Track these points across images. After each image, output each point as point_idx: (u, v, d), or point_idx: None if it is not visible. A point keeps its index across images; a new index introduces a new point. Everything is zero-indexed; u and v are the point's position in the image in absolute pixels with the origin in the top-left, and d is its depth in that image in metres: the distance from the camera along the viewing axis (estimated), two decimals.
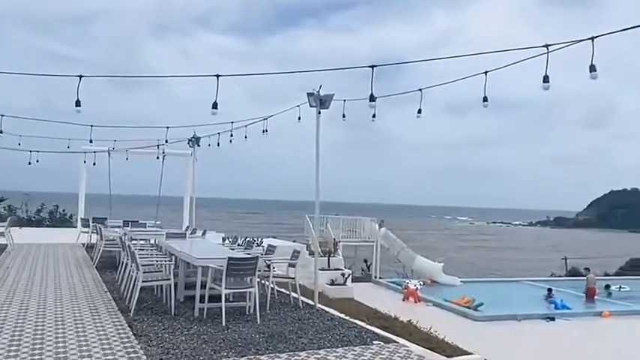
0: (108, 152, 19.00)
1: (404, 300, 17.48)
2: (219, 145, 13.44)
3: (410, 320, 8.18)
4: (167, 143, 13.38)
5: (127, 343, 5.77)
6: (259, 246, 12.28)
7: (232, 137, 11.95)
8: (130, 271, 8.26)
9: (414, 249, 23.23)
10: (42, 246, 15.46)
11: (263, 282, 8.47)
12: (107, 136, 16.75)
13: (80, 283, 9.60)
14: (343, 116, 8.65)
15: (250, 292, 7.31)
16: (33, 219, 26.60)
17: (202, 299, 7.26)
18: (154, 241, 11.90)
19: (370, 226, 22.34)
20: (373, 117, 8.37)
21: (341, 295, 15.30)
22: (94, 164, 19.19)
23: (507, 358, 11.29)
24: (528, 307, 16.19)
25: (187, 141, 14.78)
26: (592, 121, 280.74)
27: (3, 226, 14.23)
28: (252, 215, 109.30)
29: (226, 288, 6.95)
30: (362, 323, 7.05)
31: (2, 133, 11.75)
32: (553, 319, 15.08)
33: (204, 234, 14.04)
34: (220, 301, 6.94)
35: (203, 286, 7.35)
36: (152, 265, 8.41)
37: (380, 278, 21.24)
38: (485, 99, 7.34)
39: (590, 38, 5.81)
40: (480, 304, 15.83)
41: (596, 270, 39.08)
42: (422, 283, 19.44)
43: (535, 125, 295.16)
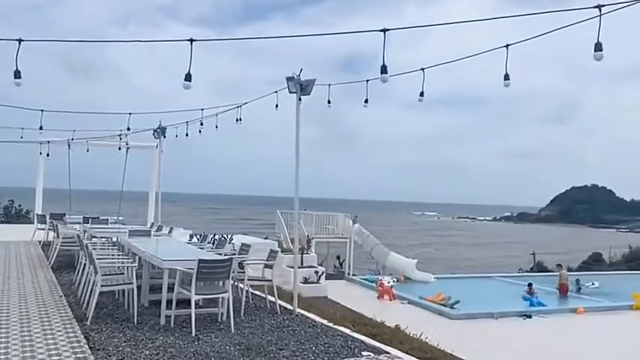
0: (68, 144, 17.86)
1: (379, 298, 17.07)
2: (187, 136, 12.60)
3: (398, 326, 7.62)
4: (130, 132, 12.43)
5: None
6: (230, 243, 11.57)
7: (202, 126, 11.16)
8: (89, 274, 7.44)
9: (385, 245, 22.86)
10: None
11: (236, 284, 7.77)
12: (65, 126, 15.69)
13: (32, 286, 8.68)
14: (328, 102, 8.05)
15: (223, 298, 6.60)
16: None
17: (169, 305, 6.52)
18: (117, 239, 11.01)
19: (344, 222, 21.82)
20: (365, 102, 7.81)
21: (315, 294, 14.76)
22: (48, 155, 18.02)
23: (487, 358, 10.99)
24: (504, 305, 15.98)
25: (152, 132, 13.85)
26: (555, 118, 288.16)
27: None
28: (220, 211, 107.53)
29: (196, 293, 6.23)
30: (347, 330, 6.44)
31: None
32: (530, 317, 14.92)
33: (170, 231, 13.21)
34: (189, 307, 6.23)
35: (170, 289, 6.61)
36: (113, 267, 7.60)
37: (353, 275, 20.77)
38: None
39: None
40: (457, 302, 15.56)
41: (560, 264, 39.84)
42: (395, 280, 19.06)
43: (499, 122, 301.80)
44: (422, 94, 7.45)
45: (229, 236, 16.48)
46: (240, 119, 9.72)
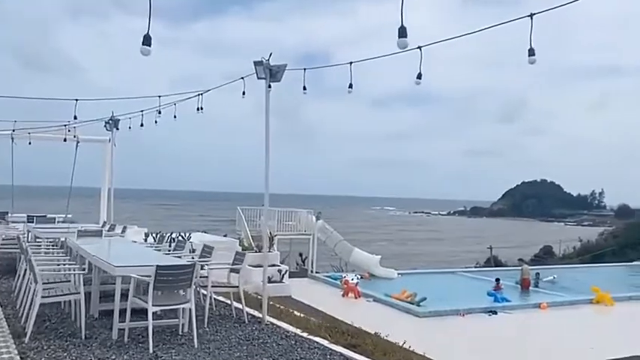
0: (11, 136, 16.52)
1: (344, 296, 16.63)
2: (142, 126, 11.66)
3: (378, 333, 7.11)
4: (77, 122, 11.36)
5: None
6: (189, 242, 10.84)
7: (160, 115, 10.30)
8: (29, 282, 6.58)
9: (348, 241, 22.47)
10: None
11: (198, 289, 7.08)
12: (6, 116, 14.41)
13: None
14: (304, 88, 7.44)
15: (184, 308, 5.90)
16: None
17: (123, 315, 5.79)
18: (64, 240, 10.05)
19: (307, 219, 21.26)
20: (350, 87, 7.41)
21: (278, 294, 14.19)
22: None
23: (457, 357, 10.76)
24: (468, 300, 15.84)
25: (104, 123, 12.83)
26: (505, 116, 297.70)
27: None
28: (177, 207, 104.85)
29: (154, 304, 5.52)
30: (324, 342, 5.86)
31: None
32: (495, 313, 14.80)
33: (124, 231, 12.30)
34: (146, 318, 5.52)
35: (124, 297, 5.87)
36: (57, 274, 6.76)
37: (317, 273, 20.26)
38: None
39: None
40: (423, 299, 15.28)
41: (513, 258, 40.76)
42: (359, 277, 18.71)
43: (453, 119, 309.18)
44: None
45: (187, 234, 15.67)
46: (201, 108, 8.99)
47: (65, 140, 15.91)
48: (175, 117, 10.19)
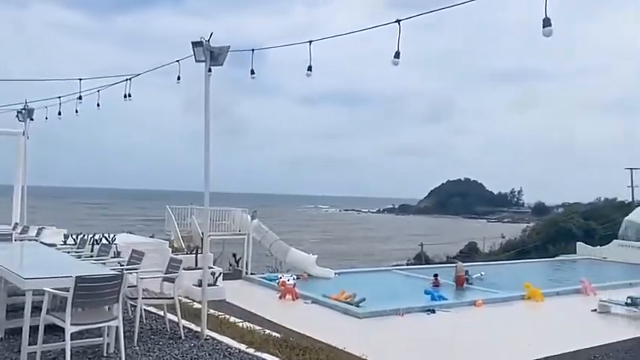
0: None
1: (281, 298, 16.06)
2: (60, 115, 10.44)
3: (334, 346, 6.57)
4: None
5: None
6: (114, 243, 9.85)
7: (81, 102, 9.21)
8: None
9: (283, 241, 21.93)
10: None
11: (126, 301, 6.25)
12: None
13: None
14: (252, 72, 6.79)
15: (110, 327, 5.09)
16: None
17: (34, 332, 4.88)
18: None
19: (241, 218, 20.47)
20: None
21: (212, 297, 13.30)
22: None
23: (396, 358, 10.58)
24: (406, 299, 15.78)
25: (16, 113, 11.46)
26: (432, 117, 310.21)
27: None
28: (101, 207, 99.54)
29: (73, 323, 4.69)
30: (274, 359, 5.27)
31: None
32: (433, 312, 14.80)
33: (39, 233, 11.05)
34: (63, 338, 4.68)
35: (37, 310, 4.97)
36: None
37: (252, 274, 19.55)
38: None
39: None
40: (362, 300, 15.04)
41: (440, 254, 41.94)
42: (296, 278, 18.23)
43: (382, 119, 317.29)
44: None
45: (112, 236, 14.49)
46: (129, 95, 8.07)
47: None
48: (99, 105, 9.17)
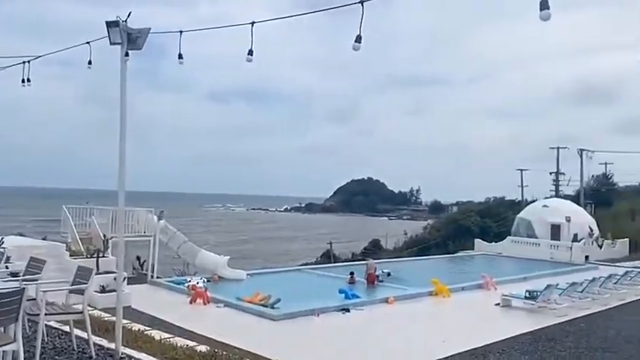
0: None
1: (191, 302, 15.29)
2: None
3: (257, 353, 6.16)
4: None
5: None
6: (2, 247, 8.69)
7: None
8: None
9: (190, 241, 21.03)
10: None
11: (25, 317, 5.40)
12: None
13: None
14: (180, 56, 6.18)
15: (6, 352, 4.31)
16: None
17: None
18: None
19: (146, 218, 19.28)
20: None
21: (113, 305, 12.41)
22: None
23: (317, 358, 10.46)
24: (320, 299, 15.74)
25: None
26: (338, 117, 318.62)
27: None
28: None
29: None
30: None
31: None
32: (348, 310, 14.87)
33: None
34: None
35: None
36: None
37: (158, 278, 18.48)
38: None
39: None
40: (278, 301, 14.72)
41: (346, 252, 42.75)
42: (206, 280, 17.49)
43: (289, 118, 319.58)
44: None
45: (0, 239, 12.94)
46: (28, 80, 7.05)
47: None
48: None
